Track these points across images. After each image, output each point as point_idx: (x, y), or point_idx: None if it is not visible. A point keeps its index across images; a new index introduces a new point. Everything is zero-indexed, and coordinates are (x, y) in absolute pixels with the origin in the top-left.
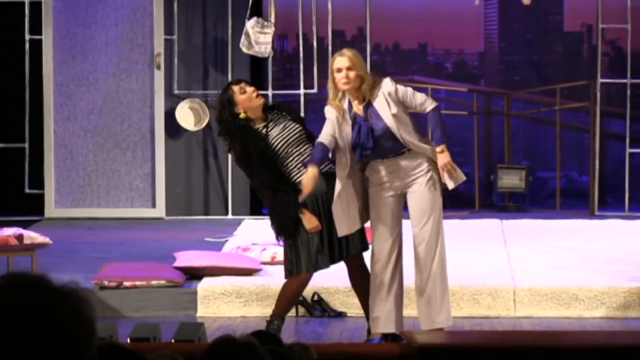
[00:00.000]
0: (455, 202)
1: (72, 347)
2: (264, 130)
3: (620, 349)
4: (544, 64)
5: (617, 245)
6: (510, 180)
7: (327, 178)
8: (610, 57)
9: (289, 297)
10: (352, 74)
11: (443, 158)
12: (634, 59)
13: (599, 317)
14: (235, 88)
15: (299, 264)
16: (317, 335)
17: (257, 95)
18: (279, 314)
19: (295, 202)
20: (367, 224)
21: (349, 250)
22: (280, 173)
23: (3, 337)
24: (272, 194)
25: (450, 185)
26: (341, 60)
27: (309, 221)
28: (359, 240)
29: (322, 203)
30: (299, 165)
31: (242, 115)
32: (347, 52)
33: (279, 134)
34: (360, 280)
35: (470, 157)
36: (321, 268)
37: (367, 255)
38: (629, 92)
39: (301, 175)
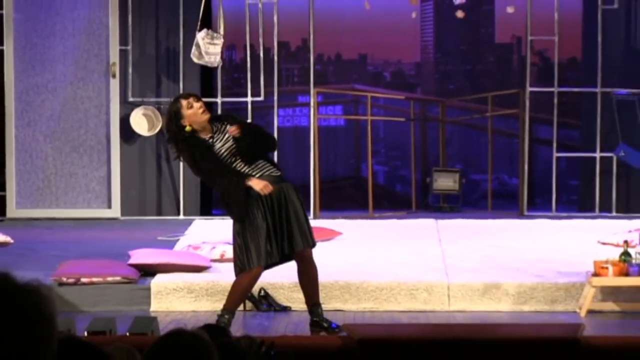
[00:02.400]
0: (393, 203)
1: (34, 341)
2: (210, 141)
3: (547, 340)
4: (477, 73)
5: (545, 244)
6: (445, 182)
7: (271, 180)
8: (539, 67)
9: (240, 292)
10: None
11: None
12: (560, 69)
13: (528, 311)
14: (184, 102)
15: (250, 259)
16: (263, 328)
17: (203, 111)
18: (229, 308)
19: (243, 176)
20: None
21: (296, 245)
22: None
23: None
24: (220, 181)
25: None
26: None
27: (258, 184)
28: (308, 237)
29: (269, 200)
30: (245, 168)
31: (187, 128)
32: None
33: (223, 144)
34: (307, 277)
35: (408, 160)
36: (271, 263)
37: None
38: (556, 100)
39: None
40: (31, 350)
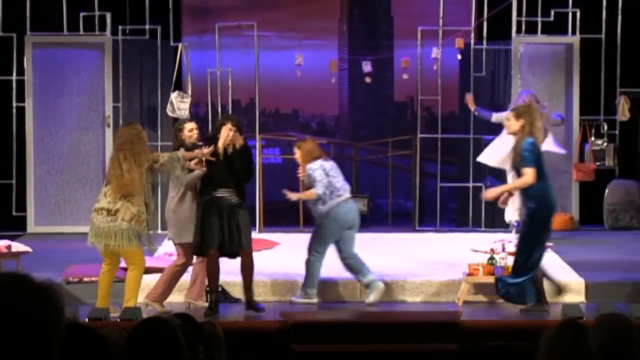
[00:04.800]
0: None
1: (48, 325)
2: None
3: (434, 323)
4: (380, 123)
5: (431, 251)
6: (357, 205)
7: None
8: (426, 119)
9: (211, 273)
10: None
11: None
12: (442, 120)
13: (420, 301)
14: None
15: (206, 244)
16: (221, 315)
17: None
18: (213, 287)
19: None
20: (261, 235)
21: (242, 243)
22: None
23: (0, 315)
24: None
25: None
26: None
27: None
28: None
29: (223, 204)
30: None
31: None
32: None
33: None
34: (246, 271)
35: None
36: (223, 251)
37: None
38: (439, 143)
39: None
40: (45, 331)
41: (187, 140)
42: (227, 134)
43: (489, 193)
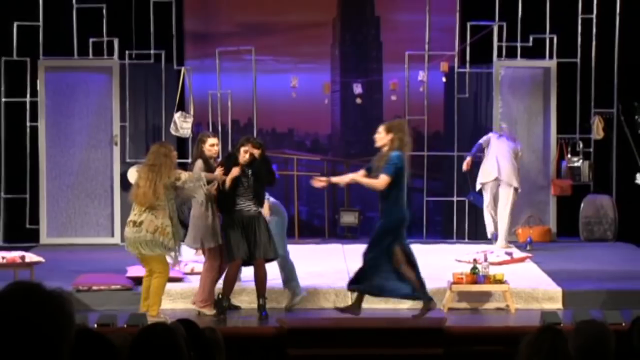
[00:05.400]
0: (312, 233)
1: (59, 330)
2: None
3: (421, 328)
4: (370, 142)
5: (418, 261)
6: (349, 218)
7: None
8: (414, 138)
9: (230, 280)
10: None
11: None
12: (428, 139)
13: (408, 308)
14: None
15: (231, 254)
16: (221, 321)
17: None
18: (225, 294)
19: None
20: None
21: (255, 255)
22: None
23: (15, 321)
24: None
25: None
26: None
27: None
28: (270, 249)
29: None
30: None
31: None
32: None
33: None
34: (257, 281)
35: (322, 203)
36: (246, 259)
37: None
38: (425, 161)
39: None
40: (56, 337)
41: (207, 153)
42: (243, 155)
43: (317, 181)
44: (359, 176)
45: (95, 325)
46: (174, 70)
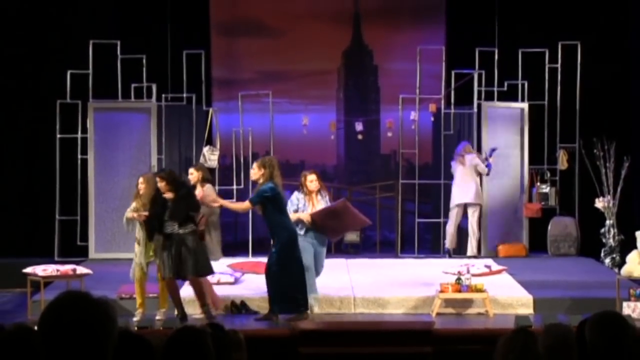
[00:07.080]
0: None
1: (104, 332)
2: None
3: (411, 330)
4: (370, 171)
5: (411, 273)
6: (351, 236)
7: None
8: (406, 168)
9: (173, 296)
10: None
11: None
12: (419, 170)
13: (400, 313)
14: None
15: (163, 272)
16: (242, 324)
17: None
18: (178, 312)
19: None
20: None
21: (186, 271)
22: None
23: (67, 324)
24: None
25: None
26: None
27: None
28: (200, 266)
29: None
30: None
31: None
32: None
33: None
34: (195, 294)
35: None
36: (176, 276)
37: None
38: (417, 188)
39: None
40: (102, 338)
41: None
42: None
43: (209, 197)
44: (226, 201)
45: (136, 328)
46: (203, 111)
